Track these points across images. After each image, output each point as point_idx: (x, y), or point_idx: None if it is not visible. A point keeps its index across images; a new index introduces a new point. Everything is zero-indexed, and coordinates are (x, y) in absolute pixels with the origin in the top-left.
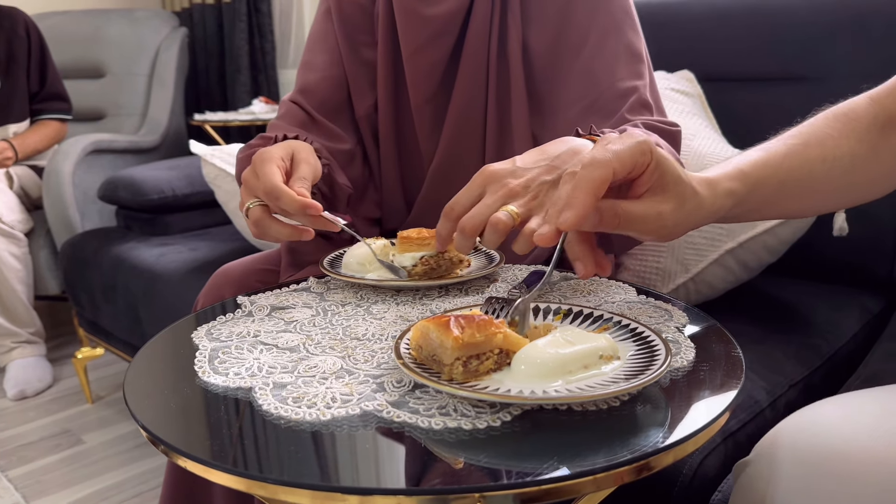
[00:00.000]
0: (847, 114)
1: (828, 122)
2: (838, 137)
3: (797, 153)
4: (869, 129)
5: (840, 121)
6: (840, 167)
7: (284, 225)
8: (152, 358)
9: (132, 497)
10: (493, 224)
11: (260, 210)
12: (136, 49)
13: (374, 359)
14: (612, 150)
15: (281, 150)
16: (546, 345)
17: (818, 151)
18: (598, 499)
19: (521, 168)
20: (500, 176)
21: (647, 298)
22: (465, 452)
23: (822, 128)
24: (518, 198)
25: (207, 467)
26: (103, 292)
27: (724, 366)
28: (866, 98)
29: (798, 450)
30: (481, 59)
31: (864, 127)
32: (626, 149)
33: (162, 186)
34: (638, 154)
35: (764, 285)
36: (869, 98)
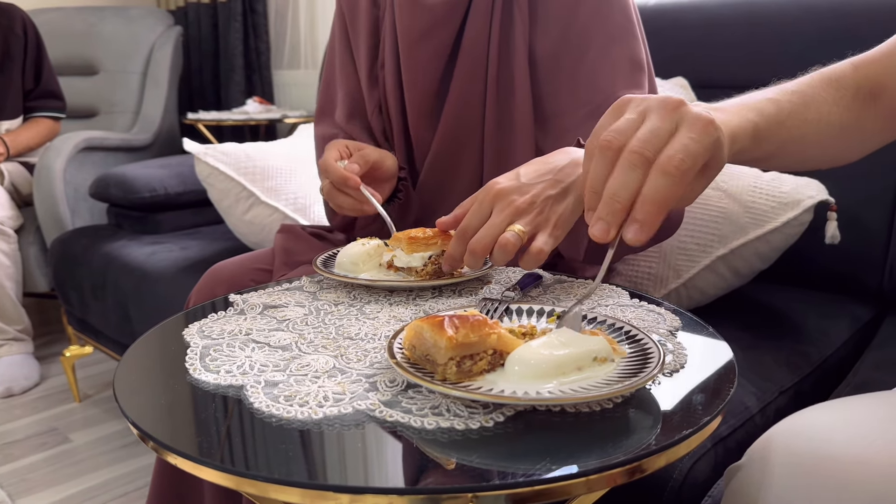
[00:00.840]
0: (837, 80)
1: (822, 87)
2: (831, 104)
3: (798, 113)
4: (854, 98)
5: (832, 87)
6: (829, 133)
7: (348, 197)
8: (143, 354)
9: (118, 496)
10: (502, 245)
11: (329, 185)
12: (130, 47)
13: (367, 358)
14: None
15: (349, 141)
16: (540, 346)
17: (815, 115)
18: (590, 501)
19: (527, 184)
20: (506, 193)
21: (640, 302)
22: (458, 452)
23: (818, 91)
24: (524, 215)
25: (196, 464)
26: (93, 290)
27: (717, 369)
28: (850, 66)
29: (790, 454)
30: (481, 52)
31: (850, 95)
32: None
33: (154, 184)
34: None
35: (755, 292)
36: (853, 66)
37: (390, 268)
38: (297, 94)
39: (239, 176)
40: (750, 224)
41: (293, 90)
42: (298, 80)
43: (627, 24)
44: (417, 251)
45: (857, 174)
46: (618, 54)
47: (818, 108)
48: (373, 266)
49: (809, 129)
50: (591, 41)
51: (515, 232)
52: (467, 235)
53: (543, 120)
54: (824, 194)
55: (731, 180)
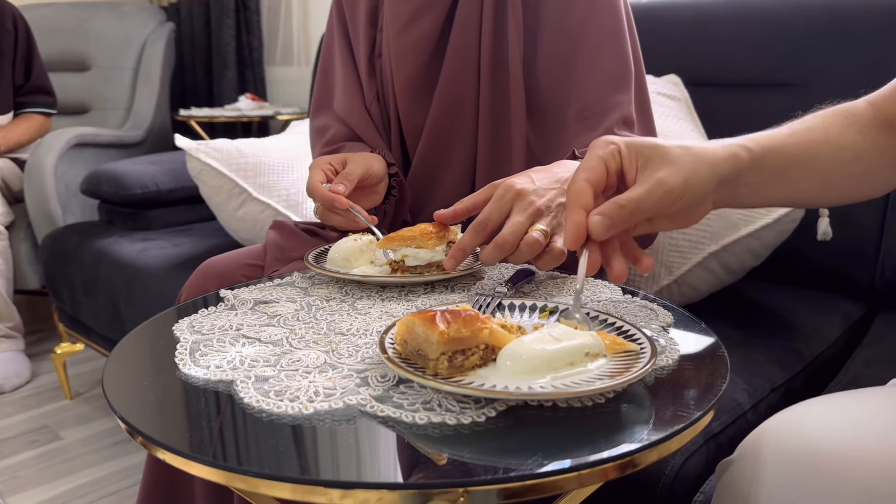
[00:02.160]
0: (847, 110)
1: (827, 116)
2: (840, 128)
3: (801, 134)
4: (869, 125)
5: (840, 115)
6: (844, 156)
7: (341, 217)
8: (132, 350)
9: (110, 494)
10: (531, 244)
11: (320, 207)
12: (122, 43)
13: (359, 353)
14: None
15: (332, 157)
16: (532, 341)
17: (822, 136)
18: (582, 496)
19: (541, 188)
20: (526, 194)
21: (633, 298)
22: (449, 447)
23: (823, 119)
24: (543, 217)
25: (186, 459)
26: (84, 287)
27: (709, 365)
28: (864, 101)
29: (782, 449)
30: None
31: (864, 122)
32: (588, 156)
33: (145, 181)
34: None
35: (747, 289)
36: (867, 102)
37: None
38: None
39: (231, 172)
40: (742, 221)
41: (286, 87)
42: (291, 76)
43: (617, 24)
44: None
45: None
46: (606, 57)
47: (824, 130)
48: (365, 261)
49: (820, 149)
50: (581, 43)
51: (541, 231)
52: (486, 230)
53: (533, 113)
54: None
55: None
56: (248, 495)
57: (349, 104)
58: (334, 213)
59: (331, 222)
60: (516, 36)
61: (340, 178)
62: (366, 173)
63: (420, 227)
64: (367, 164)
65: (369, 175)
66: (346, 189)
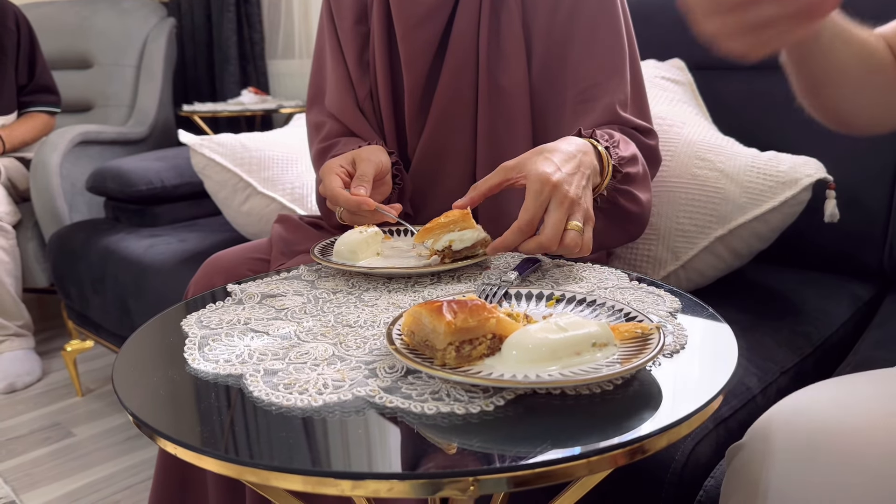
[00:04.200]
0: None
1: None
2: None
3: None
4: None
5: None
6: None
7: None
8: (141, 346)
9: (123, 489)
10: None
11: (345, 212)
12: (124, 40)
13: (366, 345)
14: None
15: (341, 159)
16: (538, 330)
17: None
18: (592, 483)
19: (569, 174)
20: (560, 186)
21: (640, 284)
22: (459, 437)
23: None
24: (577, 208)
25: (197, 454)
26: (92, 284)
27: (718, 350)
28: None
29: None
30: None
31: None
32: None
33: (150, 177)
34: None
35: (754, 273)
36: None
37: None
38: (292, 83)
39: (235, 167)
40: (748, 204)
41: (288, 80)
42: (293, 69)
43: (611, 8)
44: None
45: (856, 152)
46: (600, 44)
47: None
48: (371, 253)
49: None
50: (574, 29)
51: (577, 231)
52: (533, 228)
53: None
54: (823, 172)
55: (729, 160)
56: (260, 488)
57: (341, 102)
58: (361, 216)
59: (357, 223)
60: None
61: (358, 182)
62: (377, 170)
63: (452, 214)
64: (377, 161)
65: (380, 170)
66: (367, 191)
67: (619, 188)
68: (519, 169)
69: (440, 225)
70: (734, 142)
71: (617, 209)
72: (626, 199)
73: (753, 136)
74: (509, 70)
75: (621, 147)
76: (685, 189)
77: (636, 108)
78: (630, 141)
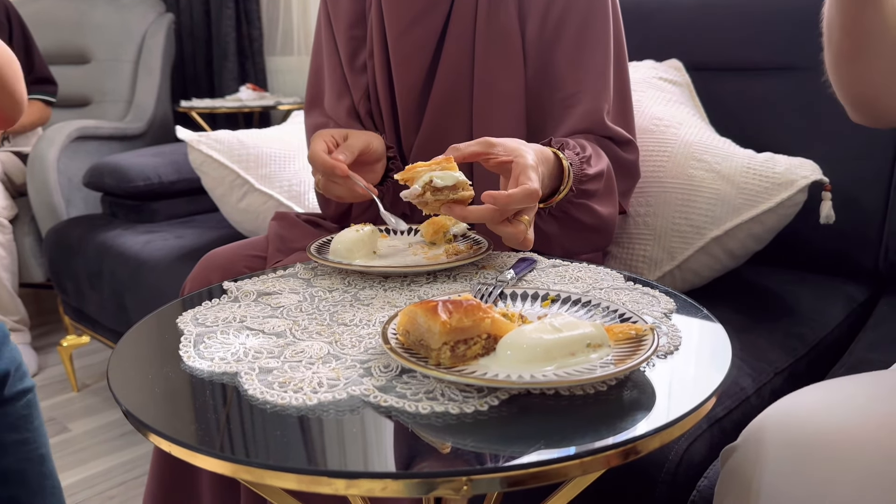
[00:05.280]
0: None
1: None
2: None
3: None
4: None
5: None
6: None
7: (341, 186)
8: (137, 343)
9: (118, 485)
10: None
11: (322, 178)
12: (122, 35)
13: (362, 344)
14: None
15: (335, 130)
16: (532, 330)
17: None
18: (585, 484)
19: None
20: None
21: (635, 285)
22: (453, 437)
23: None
24: None
25: (193, 452)
26: (88, 279)
27: (712, 351)
28: None
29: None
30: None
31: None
32: None
33: (148, 173)
34: None
35: (749, 274)
36: None
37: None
38: (290, 80)
39: (232, 163)
40: (744, 205)
41: (287, 77)
42: (292, 66)
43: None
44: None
45: (851, 154)
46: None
47: None
48: (367, 252)
49: None
50: (563, 33)
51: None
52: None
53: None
54: (818, 174)
55: (725, 161)
56: (255, 486)
57: (339, 105)
58: (335, 184)
59: (332, 193)
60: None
61: (341, 149)
62: (366, 147)
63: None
64: (368, 140)
65: (369, 150)
66: (346, 158)
67: (573, 202)
68: (503, 150)
69: (422, 165)
70: (731, 143)
71: (569, 219)
72: (580, 212)
73: (750, 137)
74: (505, 73)
75: (592, 162)
76: (681, 190)
77: (619, 116)
78: (602, 155)
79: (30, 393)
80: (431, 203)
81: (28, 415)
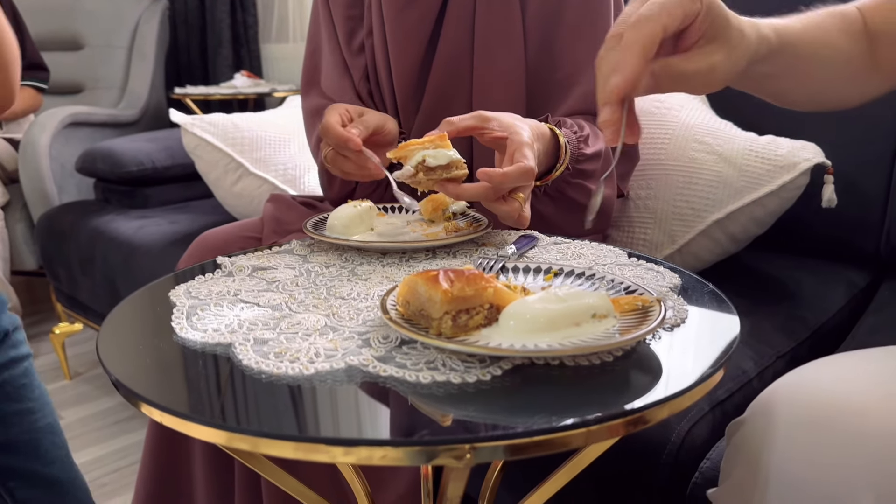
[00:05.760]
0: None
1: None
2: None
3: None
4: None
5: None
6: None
7: (351, 162)
8: (128, 316)
9: (111, 472)
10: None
11: (332, 151)
12: (115, 21)
13: (360, 317)
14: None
15: (350, 106)
16: (536, 301)
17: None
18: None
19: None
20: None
21: (639, 261)
22: (454, 407)
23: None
24: None
25: (185, 421)
26: (81, 266)
27: (719, 324)
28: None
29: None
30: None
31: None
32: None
33: (141, 158)
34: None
35: (751, 259)
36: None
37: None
38: (285, 67)
39: (227, 147)
40: (746, 188)
41: (282, 64)
42: (287, 53)
43: None
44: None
45: (853, 138)
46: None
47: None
48: (365, 228)
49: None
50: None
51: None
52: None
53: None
54: (821, 157)
55: (727, 144)
56: (250, 461)
57: (339, 85)
58: (345, 159)
59: (341, 168)
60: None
61: (356, 123)
62: (381, 126)
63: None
64: (383, 120)
65: (383, 130)
66: (360, 133)
67: (569, 181)
68: (498, 125)
69: (415, 143)
70: (732, 125)
71: (565, 199)
72: (577, 192)
73: (751, 120)
74: (506, 51)
75: (589, 142)
76: (683, 172)
77: None
78: (601, 136)
79: (25, 360)
80: (425, 182)
81: (27, 383)
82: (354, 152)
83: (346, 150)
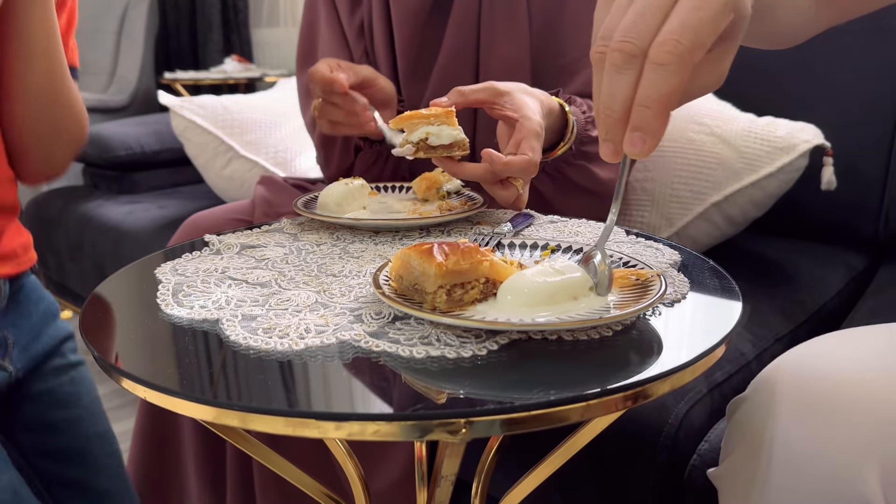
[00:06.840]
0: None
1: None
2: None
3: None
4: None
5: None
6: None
7: (339, 108)
8: (112, 292)
9: None
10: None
11: (320, 102)
12: (104, 5)
13: (352, 293)
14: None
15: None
16: (534, 274)
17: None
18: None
19: None
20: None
21: (637, 238)
22: (449, 382)
23: None
24: None
25: (172, 397)
26: (69, 252)
27: (720, 300)
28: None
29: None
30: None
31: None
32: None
33: (130, 143)
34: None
35: (749, 242)
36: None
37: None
38: (276, 52)
39: (216, 129)
40: (744, 170)
41: (273, 48)
42: (278, 38)
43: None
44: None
45: (853, 120)
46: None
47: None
48: (357, 207)
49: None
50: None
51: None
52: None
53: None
54: (820, 139)
55: (725, 125)
56: (239, 441)
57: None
58: (333, 106)
59: (329, 118)
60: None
61: (345, 68)
62: (372, 78)
63: (435, 109)
64: (376, 74)
65: (375, 84)
66: (347, 78)
67: (571, 162)
68: (510, 103)
69: (420, 116)
70: (731, 107)
71: (564, 179)
72: (577, 173)
73: (750, 101)
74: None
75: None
76: (681, 154)
77: None
78: None
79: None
80: (423, 155)
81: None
82: (341, 95)
83: (333, 95)
